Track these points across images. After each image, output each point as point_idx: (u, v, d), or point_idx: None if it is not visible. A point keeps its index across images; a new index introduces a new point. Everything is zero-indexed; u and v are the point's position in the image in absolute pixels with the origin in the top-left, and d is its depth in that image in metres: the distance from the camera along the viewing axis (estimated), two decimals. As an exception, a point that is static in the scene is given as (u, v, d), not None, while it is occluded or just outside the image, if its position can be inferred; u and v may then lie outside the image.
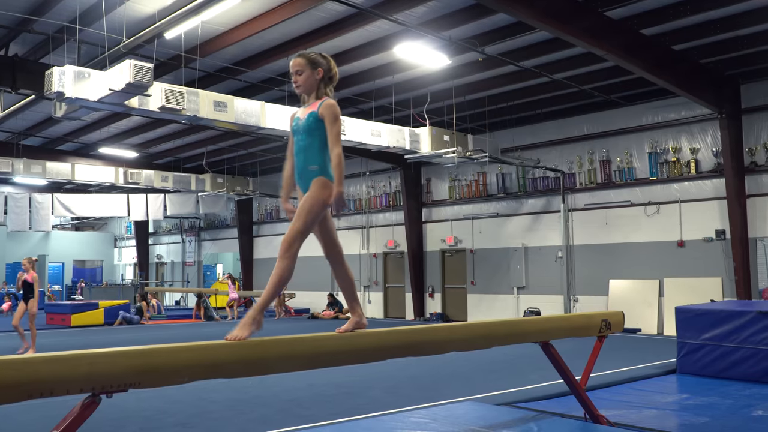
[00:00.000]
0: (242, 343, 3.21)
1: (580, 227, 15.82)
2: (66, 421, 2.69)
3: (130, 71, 8.50)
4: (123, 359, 2.72)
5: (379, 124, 12.99)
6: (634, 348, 11.23)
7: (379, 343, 3.86)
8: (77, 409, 2.72)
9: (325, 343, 3.57)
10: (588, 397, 5.30)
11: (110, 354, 2.71)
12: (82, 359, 2.62)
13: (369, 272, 20.57)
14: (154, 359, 2.81)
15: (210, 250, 27.95)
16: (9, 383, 2.42)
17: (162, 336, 14.13)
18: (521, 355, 9.70)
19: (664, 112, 14.46)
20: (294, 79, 3.76)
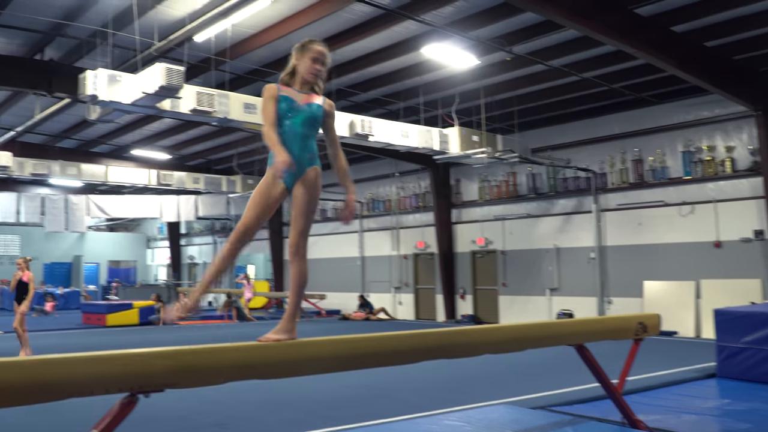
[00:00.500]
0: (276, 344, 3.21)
1: (613, 228, 15.61)
2: (105, 420, 2.71)
3: (161, 74, 8.58)
4: (160, 360, 2.74)
5: (408, 125, 12.95)
6: (671, 351, 11.02)
7: (411, 345, 3.83)
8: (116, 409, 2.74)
9: (357, 345, 3.56)
10: (625, 401, 5.21)
11: (147, 354, 2.73)
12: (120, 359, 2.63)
13: (399, 274, 20.53)
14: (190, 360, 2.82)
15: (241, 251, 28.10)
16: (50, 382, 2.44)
17: (196, 337, 14.25)
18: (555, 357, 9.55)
19: (698, 110, 14.20)
20: (320, 67, 3.65)
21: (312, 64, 3.61)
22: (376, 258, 21.33)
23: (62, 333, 15.44)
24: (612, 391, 5.08)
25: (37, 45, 11.86)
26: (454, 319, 18.71)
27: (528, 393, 7.13)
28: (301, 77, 3.60)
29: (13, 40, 11.74)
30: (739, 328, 7.92)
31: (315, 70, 3.62)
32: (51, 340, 13.37)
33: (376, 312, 19.76)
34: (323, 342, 3.42)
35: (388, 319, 19.79)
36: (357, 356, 3.55)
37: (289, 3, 10.21)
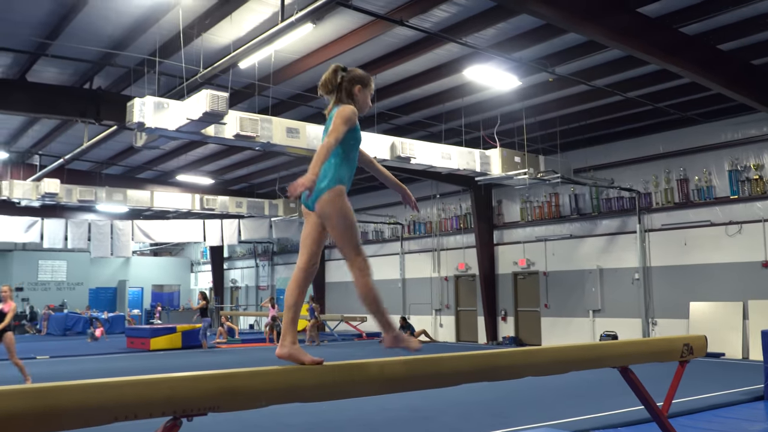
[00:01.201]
0: (318, 367, 3.23)
1: (658, 248, 15.34)
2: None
3: (206, 101, 8.78)
4: (203, 383, 2.78)
5: (449, 146, 12.97)
6: (718, 373, 10.76)
7: (454, 368, 3.82)
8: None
9: (399, 368, 3.56)
10: (671, 425, 5.10)
11: (191, 378, 2.77)
12: (163, 383, 2.68)
13: (440, 295, 20.46)
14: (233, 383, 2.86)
15: (283, 274, 28.36)
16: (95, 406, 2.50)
17: (238, 360, 14.37)
18: (598, 380, 9.43)
19: (745, 129, 13.94)
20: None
21: (368, 101, 3.66)
22: (417, 280, 21.30)
23: (107, 357, 15.71)
24: (657, 413, 4.98)
25: (86, 74, 12.24)
26: (495, 341, 18.53)
27: (571, 416, 7.03)
28: (359, 108, 3.58)
29: (64, 71, 12.14)
30: (790, 350, 7.72)
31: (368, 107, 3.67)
32: (96, 365, 13.63)
33: (417, 334, 19.67)
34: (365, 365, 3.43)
35: (429, 341, 19.70)
36: (400, 379, 3.55)
37: (332, 28, 10.38)
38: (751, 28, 10.01)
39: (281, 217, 20.22)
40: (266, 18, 9.97)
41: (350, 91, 3.56)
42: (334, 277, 24.87)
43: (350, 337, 21.37)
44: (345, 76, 3.58)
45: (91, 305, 29.17)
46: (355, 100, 3.56)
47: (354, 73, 3.60)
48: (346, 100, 3.54)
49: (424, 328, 19.99)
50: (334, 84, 3.58)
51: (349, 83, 3.57)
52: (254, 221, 21.60)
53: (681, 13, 9.57)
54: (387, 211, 22.44)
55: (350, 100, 3.55)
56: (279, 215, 20.09)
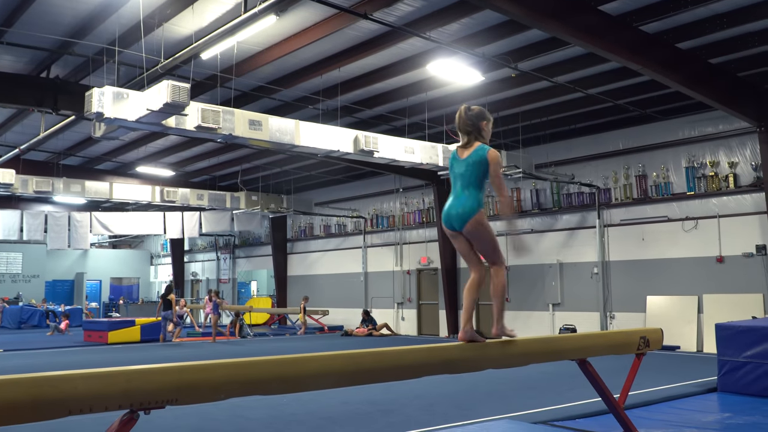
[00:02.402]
0: (278, 359, 3.21)
1: (616, 243, 15.60)
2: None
3: (167, 91, 8.64)
4: (160, 376, 2.74)
5: (413, 140, 13.00)
6: (674, 366, 11.00)
7: (415, 361, 3.83)
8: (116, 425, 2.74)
9: (360, 360, 3.56)
10: (627, 416, 5.19)
11: (148, 371, 2.73)
12: (120, 376, 2.64)
13: (402, 289, 20.51)
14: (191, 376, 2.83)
15: (244, 267, 28.17)
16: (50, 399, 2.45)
17: (198, 353, 14.23)
18: (558, 372, 9.57)
19: (701, 126, 14.23)
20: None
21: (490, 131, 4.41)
22: (380, 273, 21.33)
23: (63, 351, 15.40)
24: (614, 405, 5.07)
25: (44, 63, 11.96)
26: (457, 334, 18.61)
27: (530, 408, 7.11)
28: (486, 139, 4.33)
29: (20, 59, 11.85)
30: (740, 342, 7.94)
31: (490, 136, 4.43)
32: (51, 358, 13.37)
33: (379, 327, 19.73)
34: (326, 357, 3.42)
35: (391, 334, 19.76)
36: (360, 371, 3.55)
37: (295, 20, 10.30)
38: (709, 27, 10.19)
39: (243, 210, 20.06)
40: (229, 9, 9.86)
41: (479, 128, 4.29)
42: (296, 271, 24.77)
43: (312, 330, 21.31)
44: (472, 115, 4.29)
45: (47, 298, 28.60)
46: (483, 135, 4.30)
47: (478, 111, 4.33)
48: (479, 137, 4.28)
49: (386, 322, 20.04)
50: (468, 124, 4.27)
51: (478, 120, 4.29)
52: (216, 214, 21.40)
53: (641, 11, 9.71)
54: (350, 204, 22.42)
55: (481, 135, 4.29)
56: (241, 208, 19.91)
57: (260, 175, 20.81)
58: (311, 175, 21.53)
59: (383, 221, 21.39)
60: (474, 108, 4.33)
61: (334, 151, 11.92)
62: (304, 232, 24.55)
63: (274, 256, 25.06)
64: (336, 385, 3.56)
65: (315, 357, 3.35)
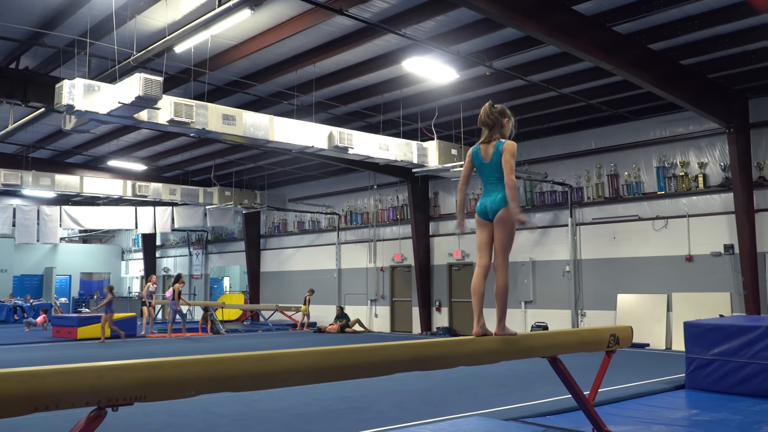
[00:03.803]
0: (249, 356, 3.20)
1: (588, 241, 15.76)
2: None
3: (139, 84, 8.55)
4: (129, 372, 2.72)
5: (387, 137, 13.00)
6: (643, 363, 11.14)
7: (387, 357, 3.84)
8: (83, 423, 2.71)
9: (331, 357, 3.56)
10: (596, 413, 5.26)
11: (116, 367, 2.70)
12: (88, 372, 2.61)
13: (376, 286, 20.53)
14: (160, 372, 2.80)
15: (217, 263, 27.98)
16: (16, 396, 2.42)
17: (169, 349, 14.11)
18: (529, 369, 9.65)
19: (672, 127, 14.43)
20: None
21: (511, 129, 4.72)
22: (353, 270, 21.32)
23: (30, 346, 15.18)
24: (584, 402, 5.12)
25: (13, 54, 11.76)
26: (429, 331, 18.72)
27: (501, 405, 7.16)
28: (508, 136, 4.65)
29: (-12, 48, 11.64)
30: (708, 340, 8.07)
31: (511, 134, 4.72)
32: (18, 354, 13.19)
33: (352, 324, 19.73)
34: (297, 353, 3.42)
35: (364, 331, 19.77)
36: (332, 368, 3.55)
37: (270, 15, 10.24)
38: (681, 29, 10.32)
39: (216, 205, 19.90)
40: (203, 2, 9.76)
41: (501, 124, 4.60)
42: (269, 267, 24.66)
43: (285, 327, 21.26)
44: (495, 111, 4.60)
45: (15, 293, 28.16)
46: (503, 131, 4.60)
47: (501, 109, 4.65)
48: (500, 132, 4.59)
49: (359, 318, 20.05)
50: (492, 119, 4.59)
51: (501, 117, 4.60)
52: (188, 209, 21.21)
53: (615, 12, 9.81)
54: (324, 200, 22.37)
55: (501, 131, 4.60)
56: (214, 203, 19.76)
57: (234, 171, 20.67)
58: (285, 171, 21.44)
59: (357, 218, 21.38)
60: (498, 106, 4.67)
61: (308, 147, 11.88)
62: (278, 228, 24.45)
63: (247, 252, 24.93)
64: (307, 382, 3.55)
65: (286, 353, 3.34)
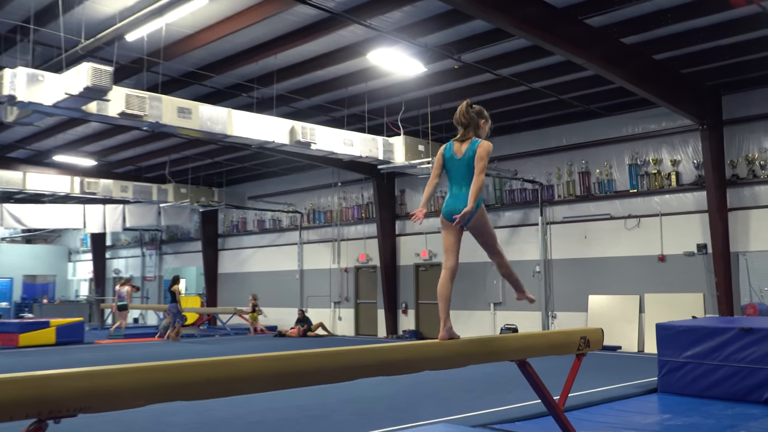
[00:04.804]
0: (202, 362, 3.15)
1: (559, 241, 15.92)
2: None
3: (87, 74, 8.40)
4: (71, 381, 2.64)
5: (352, 132, 12.97)
6: (614, 366, 11.30)
7: (349, 362, 3.82)
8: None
9: (291, 362, 3.52)
10: (566, 418, 5.30)
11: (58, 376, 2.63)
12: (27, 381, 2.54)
13: (340, 288, 20.49)
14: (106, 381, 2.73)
15: (172, 264, 27.64)
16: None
17: (119, 356, 13.90)
18: (498, 374, 9.70)
19: (645, 123, 14.64)
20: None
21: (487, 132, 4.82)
22: (316, 271, 21.24)
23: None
24: (554, 407, 5.16)
25: (-50, 40, 11.48)
26: (395, 334, 18.74)
27: (469, 411, 7.19)
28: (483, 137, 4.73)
29: None
30: (680, 342, 8.21)
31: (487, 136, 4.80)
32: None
33: (314, 328, 19.66)
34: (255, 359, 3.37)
35: (327, 335, 19.72)
36: (291, 374, 3.51)
37: (229, 3, 10.13)
38: (654, 23, 10.46)
39: (171, 203, 19.64)
40: (156, -13, 9.62)
41: (478, 124, 4.69)
42: (227, 268, 24.45)
43: (244, 331, 21.10)
44: (472, 111, 4.68)
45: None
46: (479, 132, 4.70)
47: (479, 110, 4.74)
48: (476, 132, 4.68)
49: (322, 321, 19.98)
50: (467, 119, 4.66)
51: (478, 117, 4.69)
52: (141, 207, 20.91)
53: (586, 5, 9.89)
54: (285, 198, 22.25)
55: (477, 132, 4.68)
56: (168, 201, 19.49)
57: (190, 167, 20.44)
58: (245, 168, 21.27)
59: (320, 216, 21.30)
60: (476, 106, 4.75)
61: (269, 142, 11.80)
62: (237, 227, 24.25)
63: (204, 252, 24.69)
64: (266, 389, 3.51)
65: (243, 359, 3.30)
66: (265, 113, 12.38)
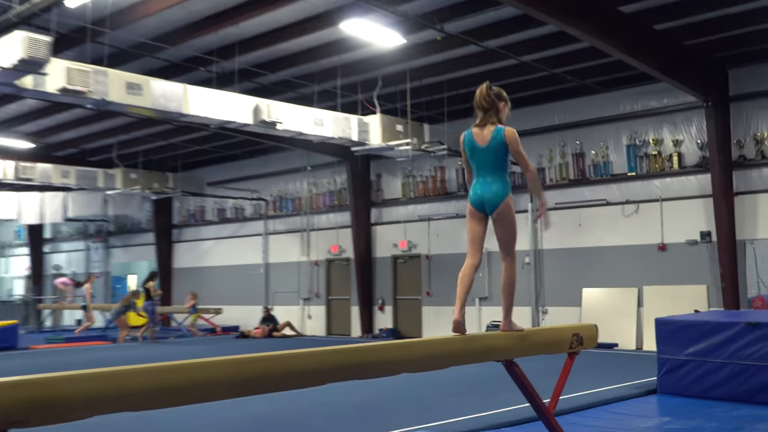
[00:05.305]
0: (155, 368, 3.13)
1: (551, 229, 16.02)
2: None
3: (22, 45, 8.31)
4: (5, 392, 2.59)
5: (323, 111, 12.95)
6: (610, 366, 11.42)
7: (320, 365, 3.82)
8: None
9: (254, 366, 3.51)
10: (557, 423, 5.35)
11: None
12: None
13: (309, 283, 20.48)
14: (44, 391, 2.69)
15: (121, 258, 27.45)
16: None
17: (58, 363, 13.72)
18: (483, 375, 9.76)
19: (645, 100, 14.75)
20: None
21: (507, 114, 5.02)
22: (283, 265, 21.21)
23: None
24: (543, 411, 5.21)
25: None
26: (371, 333, 18.79)
27: (452, 416, 7.22)
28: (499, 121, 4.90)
29: None
30: (682, 339, 8.27)
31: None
32: None
33: (281, 327, 19.65)
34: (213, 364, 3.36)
35: (295, 335, 19.72)
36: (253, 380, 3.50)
37: (181, -35, 10.05)
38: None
39: (119, 190, 19.40)
40: (101, -52, 9.52)
41: (498, 108, 4.87)
42: (184, 262, 24.34)
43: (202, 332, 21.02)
44: (492, 93, 4.86)
45: None
46: (499, 116, 4.88)
47: (498, 92, 4.90)
48: (496, 116, 4.87)
49: (289, 320, 19.95)
50: (488, 102, 4.84)
51: (498, 100, 4.87)
52: (85, 195, 20.71)
53: (580, -32, 9.94)
54: (249, 184, 22.17)
55: (497, 115, 4.87)
56: (116, 188, 19.26)
57: (141, 149, 20.28)
58: (203, 150, 21.13)
59: (288, 204, 21.26)
60: (495, 88, 4.91)
61: (230, 122, 11.76)
62: (194, 217, 24.12)
63: (157, 245, 24.55)
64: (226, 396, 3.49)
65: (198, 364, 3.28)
66: (225, 89, 12.30)
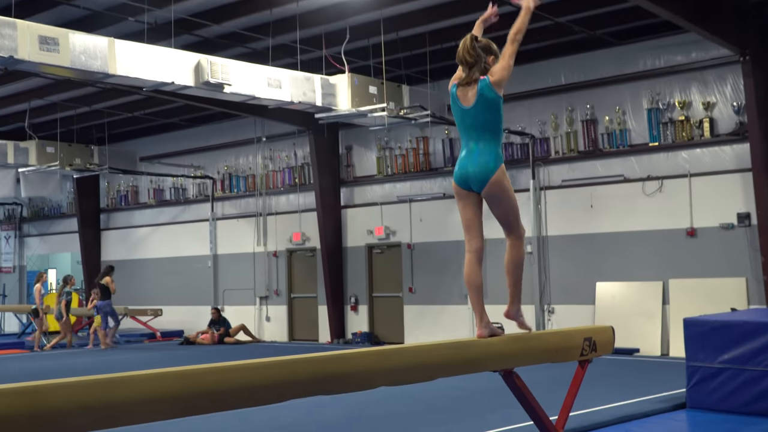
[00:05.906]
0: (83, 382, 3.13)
1: (557, 211, 16.04)
2: None
3: None
4: None
5: (279, 70, 12.89)
6: (630, 375, 11.48)
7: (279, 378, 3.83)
8: None
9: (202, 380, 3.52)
10: (567, 445, 5.40)
11: None
12: None
13: (267, 278, 20.45)
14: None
15: (38, 249, 27.27)
16: None
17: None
18: (477, 388, 9.81)
19: (669, 54, 14.75)
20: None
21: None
22: (235, 256, 21.16)
23: None
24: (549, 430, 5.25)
25: None
26: (342, 339, 18.81)
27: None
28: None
29: None
30: (716, 343, 8.25)
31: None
32: None
33: (234, 332, 19.63)
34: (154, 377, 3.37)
35: (251, 341, 19.71)
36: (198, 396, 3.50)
37: None
38: None
39: (34, 167, 19.23)
40: None
41: (486, 61, 5.01)
42: (114, 254, 24.18)
43: (139, 338, 20.96)
44: (479, 46, 5.02)
45: None
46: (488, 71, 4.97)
47: (486, 44, 5.11)
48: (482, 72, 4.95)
49: (244, 324, 19.93)
50: (473, 56, 4.99)
51: (485, 53, 5.04)
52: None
53: None
54: (191, 159, 22.07)
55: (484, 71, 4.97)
56: (30, 164, 19.08)
57: (58, 117, 20.08)
58: (134, 118, 20.99)
59: (239, 183, 21.17)
60: (482, 40, 5.11)
61: (166, 84, 11.68)
62: (126, 199, 23.98)
63: (81, 233, 24.39)
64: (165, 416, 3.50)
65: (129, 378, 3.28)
66: (160, 44, 12.20)
